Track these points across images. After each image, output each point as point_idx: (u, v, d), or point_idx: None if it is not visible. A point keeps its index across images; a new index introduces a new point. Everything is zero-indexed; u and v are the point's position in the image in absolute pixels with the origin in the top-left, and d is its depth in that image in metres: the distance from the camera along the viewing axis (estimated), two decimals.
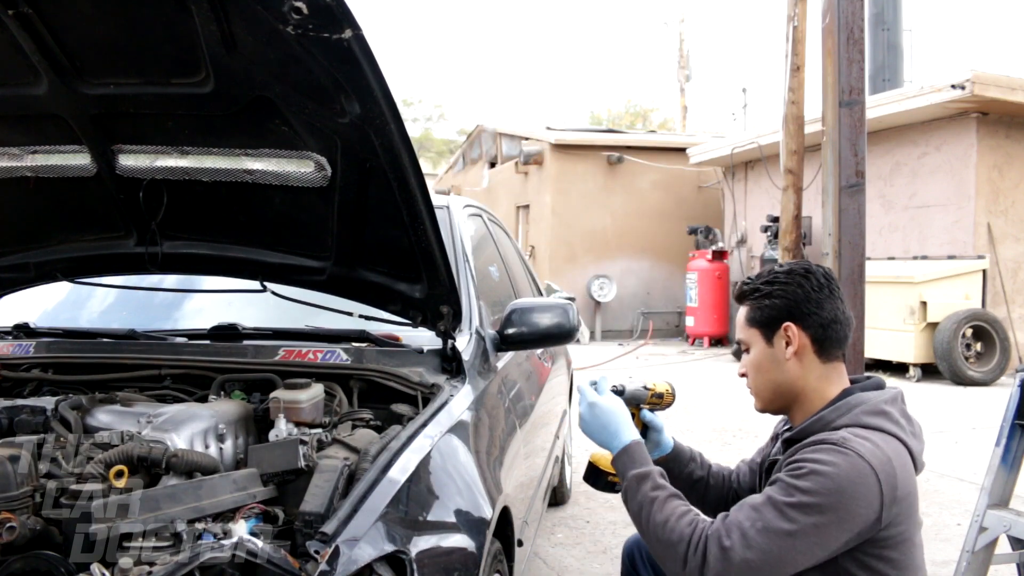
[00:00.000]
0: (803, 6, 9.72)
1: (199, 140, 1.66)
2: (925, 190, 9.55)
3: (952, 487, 4.31)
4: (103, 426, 1.69)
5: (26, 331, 2.18)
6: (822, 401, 1.50)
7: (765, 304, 1.54)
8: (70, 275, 2.16)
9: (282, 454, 1.50)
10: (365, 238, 1.77)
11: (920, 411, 6.80)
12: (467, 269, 2.35)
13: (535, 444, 2.53)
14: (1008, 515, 2.24)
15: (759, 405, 1.60)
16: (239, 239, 1.92)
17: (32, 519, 1.28)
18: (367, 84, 1.36)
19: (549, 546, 3.48)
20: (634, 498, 1.47)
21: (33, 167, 1.78)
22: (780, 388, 1.54)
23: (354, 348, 1.94)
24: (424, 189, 1.57)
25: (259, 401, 1.82)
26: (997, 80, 8.41)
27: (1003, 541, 2.31)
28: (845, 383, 1.53)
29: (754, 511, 1.35)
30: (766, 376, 1.55)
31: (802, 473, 1.34)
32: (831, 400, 1.50)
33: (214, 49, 1.38)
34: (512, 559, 1.85)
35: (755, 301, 1.55)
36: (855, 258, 2.20)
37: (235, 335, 2.07)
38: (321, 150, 1.58)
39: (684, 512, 1.41)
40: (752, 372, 1.58)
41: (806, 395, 1.52)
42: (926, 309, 8.05)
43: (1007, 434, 2.26)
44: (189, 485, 1.38)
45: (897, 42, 14.29)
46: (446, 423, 1.65)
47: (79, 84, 1.53)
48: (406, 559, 1.25)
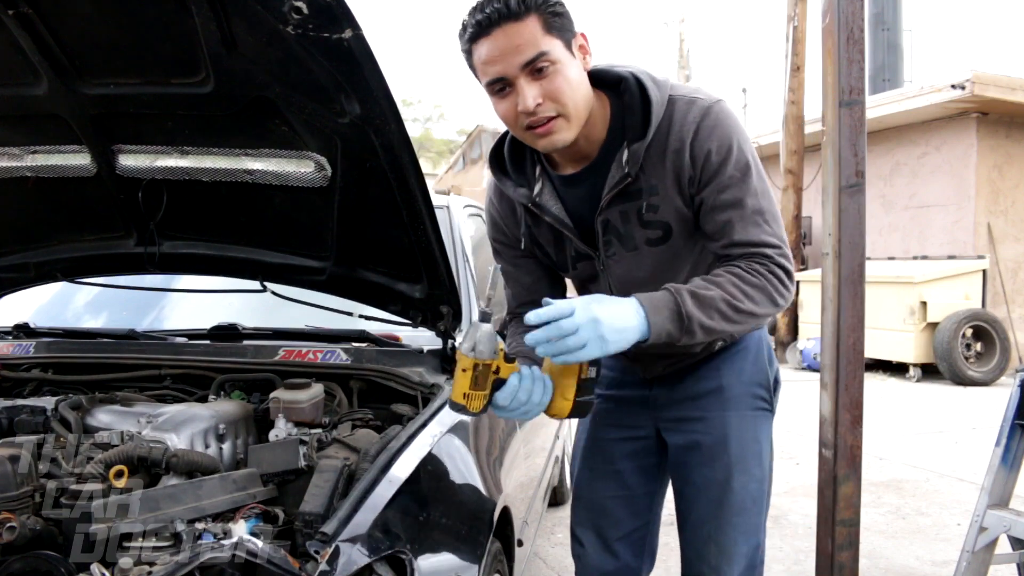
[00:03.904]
0: (803, 6, 9.72)
1: (199, 140, 1.66)
2: (925, 190, 9.55)
3: (952, 487, 4.30)
4: (103, 426, 1.69)
5: (26, 331, 2.18)
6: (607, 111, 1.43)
7: (558, 7, 1.31)
8: (70, 275, 2.16)
9: (282, 454, 1.51)
10: (365, 238, 1.77)
11: (920, 411, 6.83)
12: (467, 269, 2.35)
13: (535, 444, 2.53)
14: (1008, 515, 2.24)
15: (571, 133, 1.36)
16: (239, 239, 1.92)
17: (32, 519, 1.28)
18: (367, 84, 1.36)
19: (549, 546, 3.48)
20: (696, 333, 1.29)
21: (33, 167, 1.78)
22: (588, 103, 1.37)
23: (354, 348, 1.94)
24: (424, 189, 1.57)
25: (259, 401, 1.82)
26: (997, 80, 8.42)
27: (1003, 541, 2.31)
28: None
29: (755, 212, 1.36)
30: (583, 91, 1.36)
31: (724, 148, 1.36)
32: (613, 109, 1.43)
33: (214, 49, 1.38)
34: (512, 559, 1.85)
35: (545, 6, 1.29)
36: (855, 258, 2.19)
37: (235, 335, 2.07)
38: (321, 150, 1.58)
39: (737, 283, 1.32)
40: (567, 89, 1.32)
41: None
42: (926, 309, 8.05)
43: (1007, 434, 2.26)
44: (189, 485, 1.38)
45: (897, 42, 14.30)
46: (446, 423, 1.65)
47: (79, 84, 1.53)
48: (406, 559, 1.24)
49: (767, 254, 1.36)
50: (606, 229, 1.47)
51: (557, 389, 1.35)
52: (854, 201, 2.35)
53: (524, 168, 1.53)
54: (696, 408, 1.62)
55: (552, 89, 1.31)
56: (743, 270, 1.35)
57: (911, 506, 3.99)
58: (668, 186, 1.40)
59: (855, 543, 2.41)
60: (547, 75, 1.30)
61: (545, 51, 1.28)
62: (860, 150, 2.36)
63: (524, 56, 1.28)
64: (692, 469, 1.63)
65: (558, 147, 1.38)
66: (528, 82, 1.30)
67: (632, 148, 1.39)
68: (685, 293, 1.30)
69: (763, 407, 1.63)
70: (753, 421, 1.61)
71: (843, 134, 2.33)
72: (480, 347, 1.27)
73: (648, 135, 1.37)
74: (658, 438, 1.70)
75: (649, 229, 1.45)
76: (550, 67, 1.30)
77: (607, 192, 1.42)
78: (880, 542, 3.46)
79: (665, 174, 1.40)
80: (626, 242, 1.47)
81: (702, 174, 1.38)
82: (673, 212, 1.42)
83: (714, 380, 1.61)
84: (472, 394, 1.29)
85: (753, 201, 1.37)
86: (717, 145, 1.36)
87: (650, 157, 1.40)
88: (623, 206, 1.44)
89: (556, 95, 1.31)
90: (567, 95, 1.32)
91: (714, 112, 1.38)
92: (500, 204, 1.61)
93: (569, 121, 1.34)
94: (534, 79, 1.30)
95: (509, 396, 1.30)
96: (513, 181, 1.53)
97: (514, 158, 1.54)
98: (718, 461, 1.59)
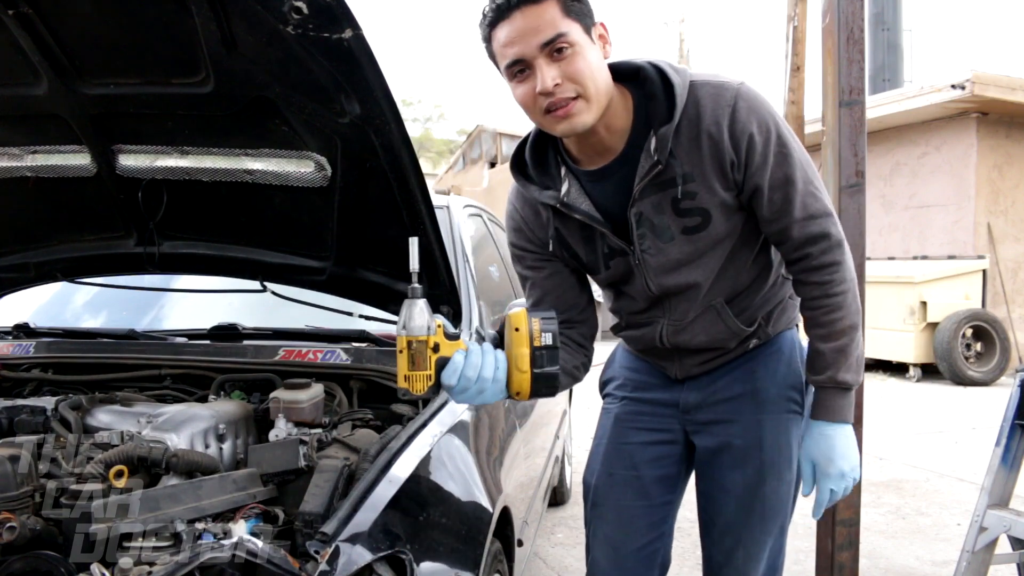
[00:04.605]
0: (803, 6, 9.71)
1: (199, 140, 1.66)
2: (925, 190, 9.55)
3: (952, 487, 4.31)
4: (103, 426, 1.69)
5: (26, 331, 2.18)
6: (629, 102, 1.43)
7: None
8: (70, 275, 2.16)
9: (282, 454, 1.50)
10: (365, 238, 1.77)
11: (920, 411, 6.83)
12: (467, 269, 2.35)
13: (535, 444, 2.53)
14: (1008, 515, 2.24)
15: (590, 116, 1.35)
16: (239, 239, 1.92)
17: (32, 519, 1.28)
18: (367, 84, 1.36)
19: (549, 546, 3.48)
20: (857, 379, 1.47)
21: (33, 167, 1.78)
22: (609, 89, 1.36)
23: (354, 348, 1.94)
24: (424, 189, 1.57)
25: (259, 401, 1.82)
26: (997, 80, 8.42)
27: (1003, 541, 2.31)
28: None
29: (806, 183, 1.39)
30: (603, 75, 1.35)
31: (764, 128, 1.37)
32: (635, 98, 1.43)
33: (214, 49, 1.38)
34: (512, 559, 1.85)
35: None
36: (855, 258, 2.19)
37: (235, 335, 2.07)
38: (321, 150, 1.58)
39: (838, 312, 1.43)
40: (586, 70, 1.31)
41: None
42: (926, 309, 8.06)
43: (1007, 434, 2.26)
44: (189, 485, 1.38)
45: (897, 42, 14.30)
46: (446, 423, 1.65)
47: (79, 84, 1.53)
48: (406, 559, 1.24)
49: (827, 237, 1.41)
50: (639, 222, 1.44)
51: (512, 362, 1.28)
52: (854, 201, 2.36)
53: (548, 169, 1.51)
54: (729, 411, 1.58)
55: (571, 70, 1.30)
56: (827, 287, 1.42)
57: (911, 506, 3.99)
58: (707, 172, 1.38)
59: (855, 543, 2.42)
60: (566, 56, 1.29)
61: (564, 32, 1.27)
62: (860, 150, 2.37)
63: (543, 36, 1.27)
64: (723, 471, 1.59)
65: (577, 130, 1.36)
66: (547, 63, 1.29)
67: (660, 133, 1.37)
68: (837, 375, 1.44)
69: (795, 410, 1.60)
70: (786, 424, 1.58)
71: (843, 134, 2.34)
72: (412, 323, 1.22)
73: (675, 118, 1.36)
74: (685, 444, 1.66)
75: (687, 217, 1.42)
76: (569, 49, 1.29)
77: (638, 182, 1.40)
78: (880, 542, 3.46)
79: (702, 159, 1.38)
80: (661, 233, 1.44)
81: (748, 157, 1.36)
82: (712, 198, 1.40)
83: (749, 383, 1.58)
84: (412, 375, 1.22)
85: (802, 173, 1.39)
86: (757, 127, 1.35)
87: (681, 144, 1.38)
88: (656, 196, 1.42)
89: (575, 76, 1.30)
90: (586, 76, 1.31)
91: (745, 94, 1.37)
92: (524, 210, 1.58)
93: (589, 103, 1.33)
94: (553, 60, 1.29)
95: (454, 374, 1.24)
96: (538, 184, 1.51)
97: (537, 161, 1.52)
98: (750, 465, 1.56)
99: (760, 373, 1.58)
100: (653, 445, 1.66)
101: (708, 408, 1.61)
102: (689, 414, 1.63)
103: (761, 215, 1.42)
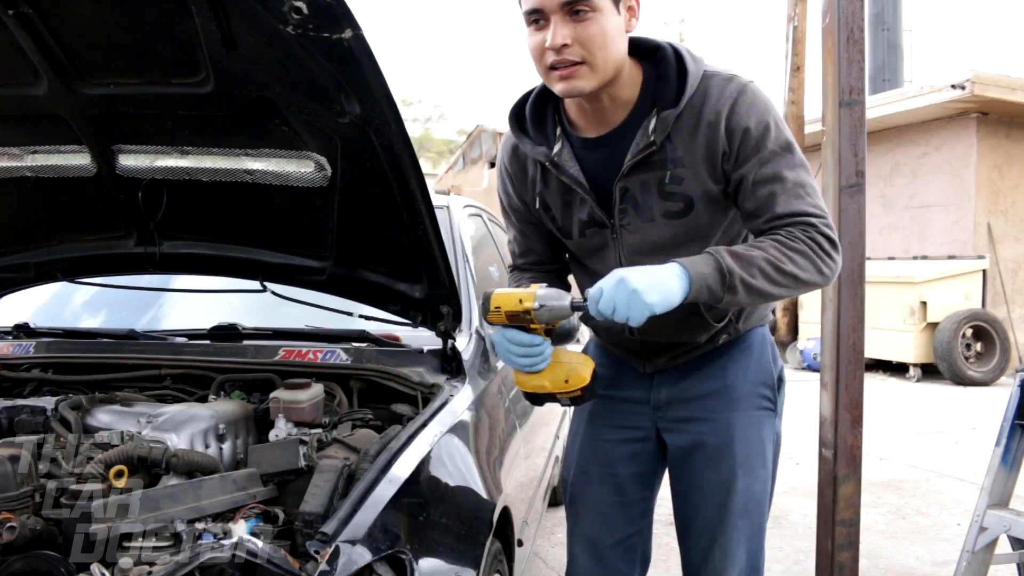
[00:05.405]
0: (803, 6, 9.72)
1: (199, 140, 1.66)
2: (925, 190, 9.55)
3: (952, 487, 4.31)
4: (103, 426, 1.69)
5: (26, 331, 2.18)
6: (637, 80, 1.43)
7: None
8: (70, 275, 2.16)
9: (282, 454, 1.50)
10: (365, 238, 1.77)
11: (920, 411, 6.83)
12: (467, 269, 2.35)
13: (535, 444, 2.53)
14: (1008, 515, 2.24)
15: (591, 83, 1.35)
16: (239, 239, 1.92)
17: (32, 519, 1.28)
18: (367, 84, 1.36)
19: (549, 546, 3.48)
20: (738, 290, 1.29)
21: (33, 167, 1.77)
22: (619, 62, 1.37)
23: (354, 348, 1.94)
24: (424, 189, 1.57)
25: (259, 401, 1.82)
26: (997, 80, 8.42)
27: (1003, 541, 2.31)
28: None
29: (796, 185, 1.36)
30: (617, 47, 1.35)
31: (762, 124, 1.36)
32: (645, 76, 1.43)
33: (214, 49, 1.38)
34: (512, 559, 1.85)
35: None
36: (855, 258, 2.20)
37: (235, 335, 2.07)
38: (321, 150, 1.58)
39: (778, 247, 1.32)
40: (599, 38, 1.31)
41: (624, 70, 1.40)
42: (926, 309, 8.06)
43: (1007, 434, 2.26)
44: (189, 485, 1.38)
45: (897, 42, 14.31)
46: (446, 423, 1.65)
47: (79, 84, 1.53)
48: (406, 559, 1.24)
49: (810, 222, 1.36)
50: (624, 197, 1.46)
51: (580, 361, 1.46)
52: (854, 201, 2.36)
53: (545, 128, 1.52)
54: (700, 408, 1.59)
55: (585, 35, 1.30)
56: (784, 236, 1.35)
57: (911, 506, 3.99)
58: (697, 160, 1.39)
59: (855, 543, 2.41)
60: (584, 20, 1.30)
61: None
62: (860, 150, 2.37)
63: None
64: (696, 471, 1.60)
65: (574, 94, 1.37)
66: (563, 21, 1.30)
67: (662, 115, 1.38)
68: (723, 251, 1.31)
69: (767, 407, 1.61)
70: (758, 421, 1.59)
71: (843, 134, 2.34)
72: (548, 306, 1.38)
73: (680, 104, 1.37)
74: (657, 440, 1.68)
75: (670, 201, 1.43)
76: (589, 12, 1.29)
77: (629, 158, 1.41)
78: (880, 542, 3.46)
79: (696, 147, 1.39)
80: (643, 212, 1.46)
81: (740, 149, 1.37)
82: (698, 187, 1.41)
83: (719, 380, 1.59)
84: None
85: (793, 175, 1.37)
86: (755, 122, 1.36)
87: (679, 129, 1.39)
88: (644, 175, 1.43)
89: (586, 42, 1.31)
90: (597, 44, 1.31)
91: (750, 90, 1.38)
92: (512, 164, 1.60)
93: (593, 71, 1.34)
94: (570, 19, 1.30)
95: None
96: (532, 140, 1.52)
97: (536, 117, 1.53)
98: (723, 463, 1.57)
99: (731, 370, 1.59)
100: (627, 443, 1.68)
101: (679, 405, 1.62)
102: (661, 411, 1.64)
103: (745, 209, 1.41)
